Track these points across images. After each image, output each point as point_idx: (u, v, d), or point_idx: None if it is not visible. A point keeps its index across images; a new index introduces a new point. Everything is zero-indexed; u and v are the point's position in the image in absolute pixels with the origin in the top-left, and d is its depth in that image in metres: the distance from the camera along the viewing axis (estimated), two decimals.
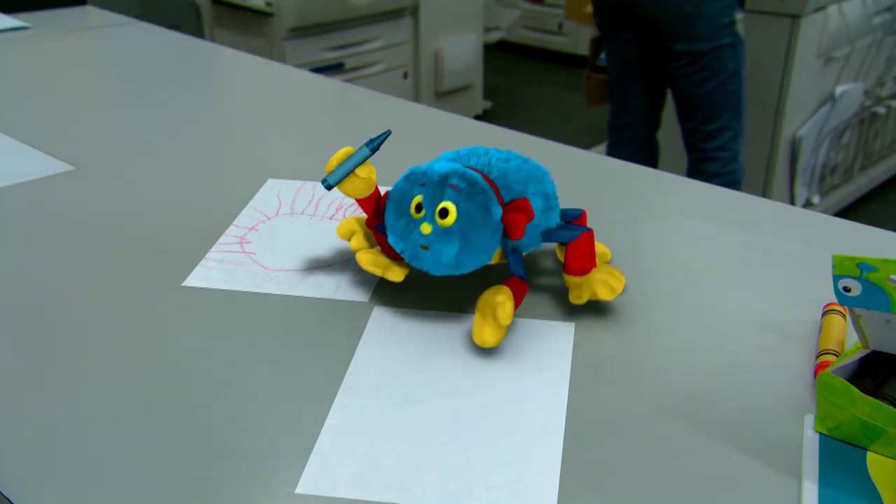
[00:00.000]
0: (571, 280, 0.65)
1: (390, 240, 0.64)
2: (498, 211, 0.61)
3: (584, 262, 0.64)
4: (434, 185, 0.61)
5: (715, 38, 1.85)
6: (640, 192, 0.88)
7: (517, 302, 0.62)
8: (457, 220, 0.60)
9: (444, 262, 0.61)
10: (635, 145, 2.14)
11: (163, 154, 0.97)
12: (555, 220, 0.68)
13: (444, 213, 0.61)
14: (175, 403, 0.56)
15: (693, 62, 1.88)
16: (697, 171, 2.00)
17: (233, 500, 0.48)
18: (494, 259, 0.64)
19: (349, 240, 0.69)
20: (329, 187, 0.67)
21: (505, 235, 0.62)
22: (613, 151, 2.16)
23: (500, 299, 0.60)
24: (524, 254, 0.67)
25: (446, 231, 0.61)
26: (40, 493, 0.48)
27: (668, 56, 1.91)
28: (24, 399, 0.56)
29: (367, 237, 0.69)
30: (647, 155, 2.16)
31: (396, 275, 0.66)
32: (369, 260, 0.66)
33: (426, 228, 0.61)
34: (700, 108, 1.95)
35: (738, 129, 1.97)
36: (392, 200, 0.64)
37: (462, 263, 0.61)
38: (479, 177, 0.62)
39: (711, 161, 1.97)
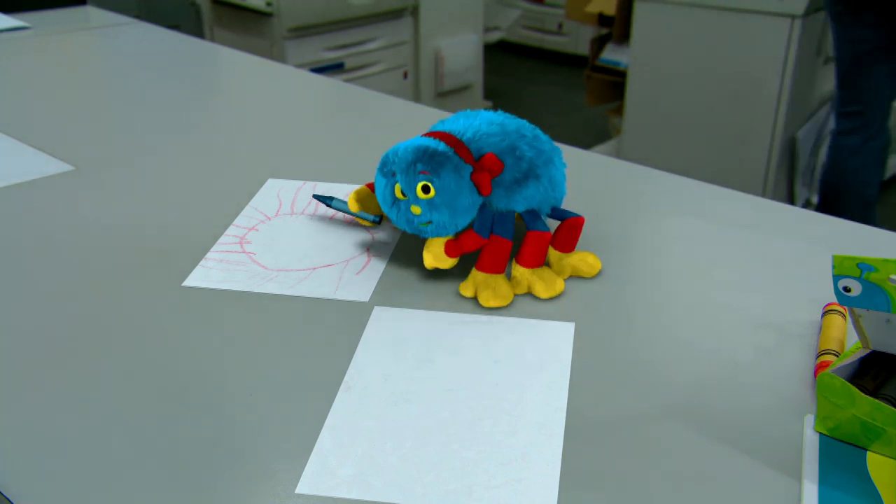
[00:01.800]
0: (516, 270, 0.69)
1: (397, 225, 0.70)
2: (467, 170, 0.66)
3: (529, 258, 0.68)
4: (404, 173, 0.66)
5: None
6: (640, 192, 0.88)
7: (502, 255, 0.67)
8: (437, 194, 0.65)
9: (446, 227, 0.66)
10: (865, 132, 2.07)
11: (163, 154, 0.97)
12: (538, 186, 0.70)
13: (425, 189, 0.65)
14: (175, 403, 0.56)
15: None
16: None
17: (233, 500, 0.48)
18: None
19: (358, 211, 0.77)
20: (376, 219, 0.77)
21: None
22: (841, 141, 2.09)
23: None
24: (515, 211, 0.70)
25: (432, 203, 0.65)
26: (40, 493, 0.48)
27: None
28: (24, 399, 0.56)
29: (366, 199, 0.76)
30: (877, 142, 2.09)
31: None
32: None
33: (416, 209, 0.66)
34: None
35: None
36: (378, 194, 0.69)
37: (458, 222, 0.67)
38: (440, 145, 0.66)
39: None
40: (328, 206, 0.79)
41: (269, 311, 0.66)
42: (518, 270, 0.68)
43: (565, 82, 4.06)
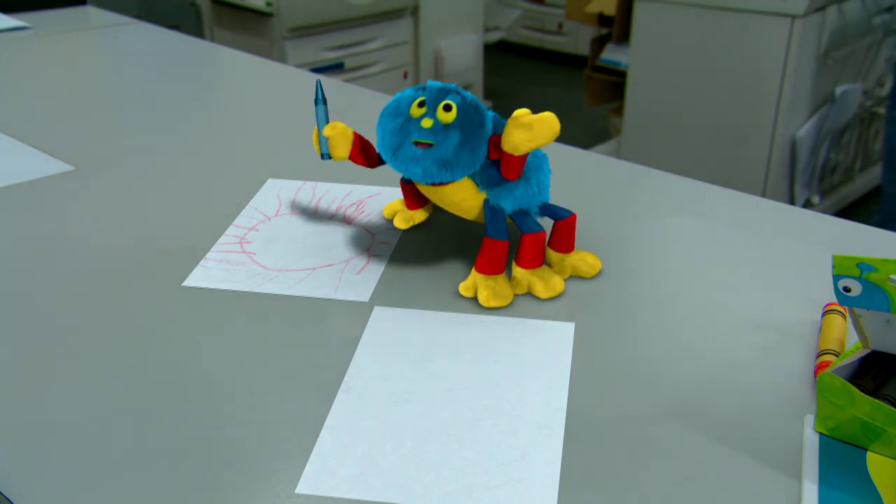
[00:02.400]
0: (516, 271, 0.68)
1: (381, 141, 0.66)
2: (490, 125, 0.66)
3: (528, 259, 0.68)
4: (435, 90, 0.65)
5: None
6: (640, 192, 0.88)
7: (500, 256, 0.67)
8: (457, 117, 0.64)
9: (443, 156, 0.63)
10: None
11: (163, 154, 0.97)
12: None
13: (447, 108, 0.64)
14: (175, 403, 0.56)
15: None
16: None
17: (233, 500, 0.48)
18: (473, 214, 0.69)
19: (393, 218, 0.78)
20: (326, 157, 0.73)
21: (486, 185, 0.67)
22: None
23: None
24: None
25: (447, 126, 0.64)
26: (40, 493, 0.48)
27: None
28: (23, 399, 0.56)
29: (408, 219, 0.77)
30: None
31: (422, 215, 0.77)
32: (401, 219, 0.77)
33: (427, 122, 0.64)
34: None
35: None
36: (388, 107, 0.67)
37: (460, 159, 0.64)
38: (477, 99, 0.66)
39: None
40: (316, 103, 0.74)
41: (269, 311, 0.66)
42: (518, 272, 0.68)
43: (565, 82, 4.06)
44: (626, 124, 2.56)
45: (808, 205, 2.52)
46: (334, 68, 2.78)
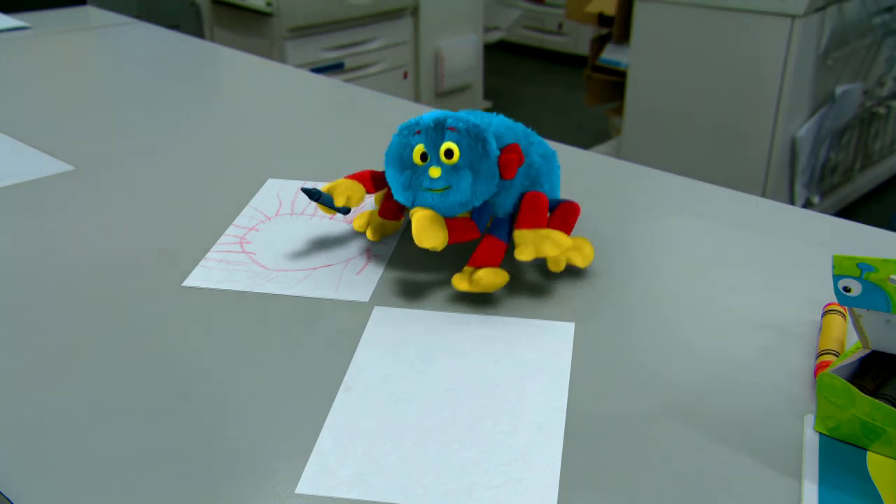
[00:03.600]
0: (518, 235, 0.66)
1: (396, 194, 0.66)
2: (494, 144, 0.64)
3: (533, 218, 0.66)
4: (431, 130, 0.64)
5: None
6: (640, 192, 0.88)
7: (497, 255, 0.66)
8: (461, 156, 0.63)
9: (460, 199, 0.64)
10: None
11: (163, 154, 0.97)
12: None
13: (448, 153, 0.63)
14: (175, 403, 0.56)
15: None
16: None
17: (233, 500, 0.48)
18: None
19: (365, 231, 0.74)
20: (345, 210, 0.73)
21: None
22: None
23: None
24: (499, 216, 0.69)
25: (455, 167, 0.64)
26: (40, 493, 0.48)
27: None
28: (23, 399, 0.56)
29: (379, 228, 0.73)
30: None
31: (395, 226, 0.74)
32: (374, 230, 0.73)
33: (435, 171, 0.64)
34: None
35: None
36: (391, 157, 0.66)
37: (477, 193, 0.64)
38: (472, 116, 0.65)
39: None
40: (314, 199, 0.72)
41: (269, 311, 0.66)
42: (524, 234, 0.66)
43: (565, 82, 4.06)
44: (626, 124, 2.56)
45: (808, 205, 2.52)
46: (334, 68, 2.78)
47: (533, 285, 0.69)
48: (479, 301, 0.67)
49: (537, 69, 4.30)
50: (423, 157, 0.64)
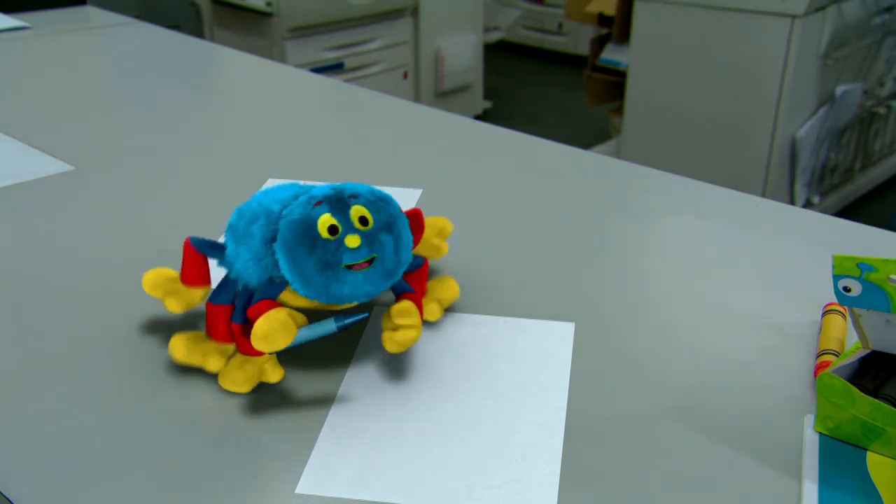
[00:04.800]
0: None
1: (302, 285, 0.53)
2: (398, 205, 0.57)
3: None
4: (334, 200, 0.54)
5: None
6: (640, 192, 0.88)
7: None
8: (374, 218, 0.55)
9: (386, 266, 0.55)
10: None
11: (162, 154, 0.97)
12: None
13: (363, 220, 0.54)
14: (175, 403, 0.56)
15: None
16: None
17: (233, 500, 0.48)
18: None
19: (163, 299, 0.59)
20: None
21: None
22: None
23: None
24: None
25: (373, 234, 0.54)
26: (40, 493, 0.48)
27: None
28: (23, 399, 0.56)
29: (187, 301, 0.59)
30: None
31: (203, 294, 0.59)
32: (179, 302, 0.58)
33: (354, 241, 0.53)
34: None
35: None
36: (295, 234, 0.53)
37: (401, 260, 0.56)
38: (337, 187, 0.55)
39: None
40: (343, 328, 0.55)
41: None
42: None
43: (565, 82, 4.06)
44: (626, 124, 2.56)
45: (808, 205, 2.52)
46: (334, 68, 2.78)
47: (533, 285, 0.69)
48: (480, 301, 0.67)
49: (537, 69, 4.30)
50: (333, 229, 0.53)
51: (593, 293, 0.68)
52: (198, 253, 0.59)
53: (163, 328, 0.64)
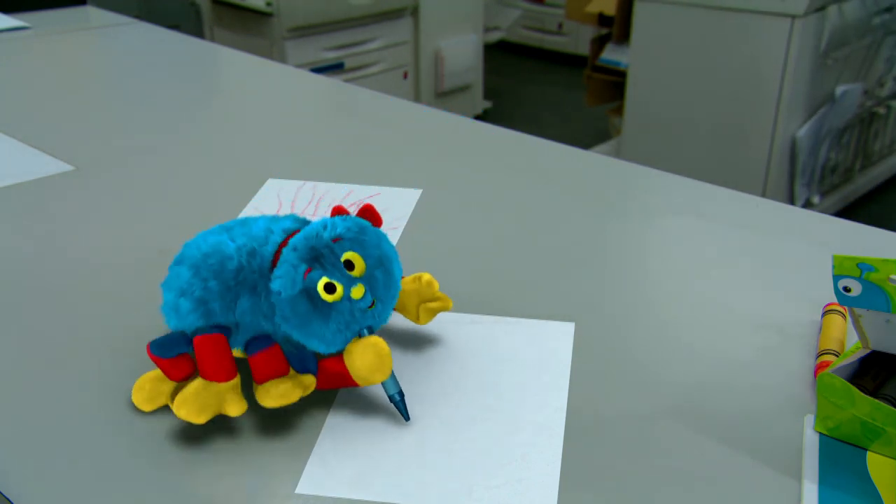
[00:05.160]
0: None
1: (325, 346, 0.52)
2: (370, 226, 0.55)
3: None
4: (320, 255, 0.52)
5: None
6: (640, 192, 0.88)
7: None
8: (365, 262, 0.53)
9: (387, 305, 0.55)
10: None
11: (162, 154, 0.97)
12: None
13: (349, 264, 0.52)
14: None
15: None
16: None
17: (233, 500, 0.48)
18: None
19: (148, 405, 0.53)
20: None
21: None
22: None
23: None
24: None
25: (367, 277, 0.53)
26: (40, 493, 0.48)
27: None
28: (24, 399, 0.56)
29: (164, 393, 0.54)
30: None
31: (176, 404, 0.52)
32: (145, 398, 0.53)
33: (359, 291, 0.52)
34: None
35: None
36: (301, 314, 0.51)
37: (394, 298, 0.55)
38: (313, 226, 0.53)
39: None
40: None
41: None
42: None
43: (565, 82, 4.06)
44: (626, 124, 2.56)
45: (808, 205, 2.52)
46: (334, 68, 2.78)
47: (533, 285, 0.69)
48: (479, 301, 0.67)
49: (537, 69, 4.30)
50: (330, 288, 0.51)
51: (593, 293, 0.68)
52: (163, 359, 0.53)
53: (163, 328, 0.64)
